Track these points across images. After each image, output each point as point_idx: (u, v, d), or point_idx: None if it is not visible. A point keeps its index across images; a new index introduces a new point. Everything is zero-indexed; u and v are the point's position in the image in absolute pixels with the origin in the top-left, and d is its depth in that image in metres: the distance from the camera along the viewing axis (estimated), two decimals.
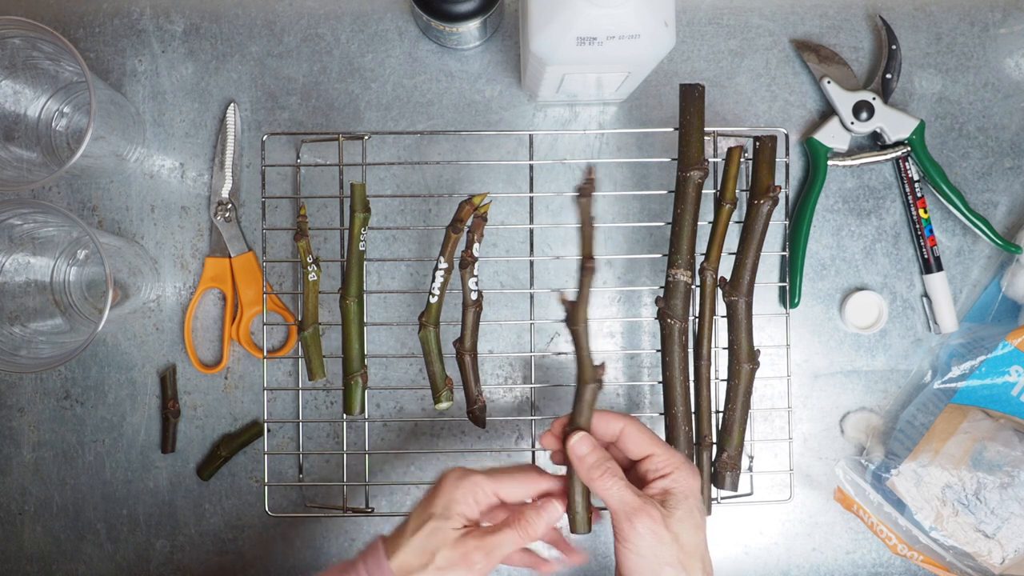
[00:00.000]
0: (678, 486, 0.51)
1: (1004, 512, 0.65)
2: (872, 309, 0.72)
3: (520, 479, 0.53)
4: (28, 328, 0.67)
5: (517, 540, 0.51)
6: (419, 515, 0.52)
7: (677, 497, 0.51)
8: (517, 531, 0.51)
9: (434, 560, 0.50)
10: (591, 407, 0.53)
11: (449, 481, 0.53)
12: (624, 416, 0.54)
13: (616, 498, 0.50)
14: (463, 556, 0.50)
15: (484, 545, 0.50)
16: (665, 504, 0.51)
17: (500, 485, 0.53)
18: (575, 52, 0.54)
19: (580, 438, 0.52)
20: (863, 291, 0.72)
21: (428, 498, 0.53)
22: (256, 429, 0.71)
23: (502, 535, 0.51)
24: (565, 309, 0.52)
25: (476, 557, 0.50)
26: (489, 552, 0.50)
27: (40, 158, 0.68)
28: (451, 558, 0.50)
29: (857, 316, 0.72)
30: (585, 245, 0.51)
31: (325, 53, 0.71)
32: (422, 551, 0.51)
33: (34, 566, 0.71)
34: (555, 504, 0.53)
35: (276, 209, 0.71)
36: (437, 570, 0.50)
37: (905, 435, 0.69)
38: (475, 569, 0.50)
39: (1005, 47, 0.73)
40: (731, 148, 0.64)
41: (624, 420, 0.54)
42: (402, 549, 0.51)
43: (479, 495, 0.52)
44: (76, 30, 0.71)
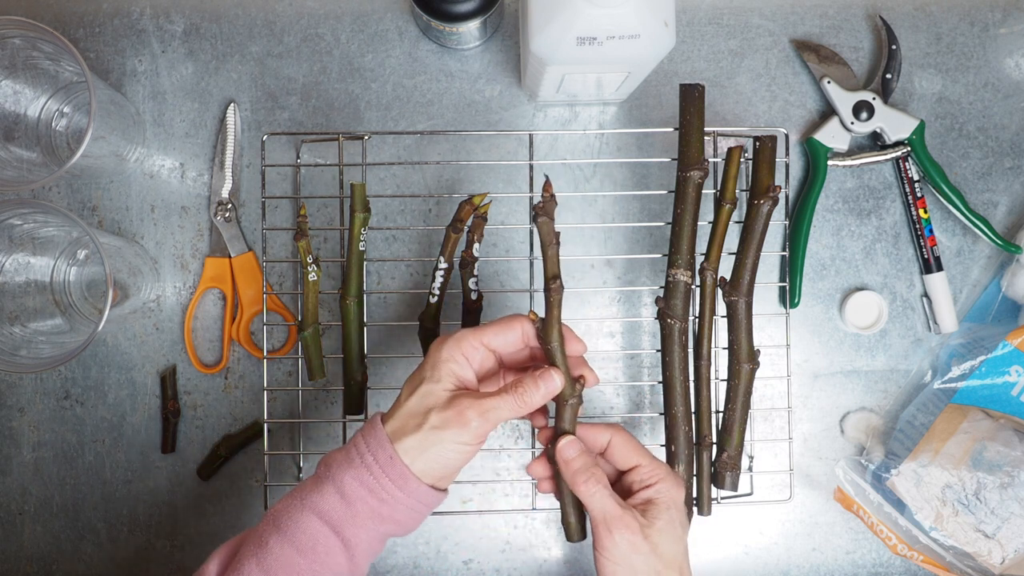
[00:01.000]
0: (661, 496, 0.52)
1: (1004, 512, 0.65)
2: (872, 309, 0.72)
3: (501, 324, 0.53)
4: (28, 328, 0.67)
5: (513, 407, 0.51)
6: (410, 383, 0.52)
7: (659, 507, 0.52)
8: (514, 397, 0.51)
9: (428, 420, 0.49)
10: (573, 424, 0.54)
11: (434, 346, 0.52)
12: (611, 427, 0.55)
13: (598, 505, 0.51)
14: (457, 414, 0.49)
15: (479, 405, 0.50)
16: (646, 514, 0.51)
17: (486, 334, 0.52)
18: (575, 52, 0.54)
19: (568, 442, 0.53)
20: (863, 291, 0.72)
21: (418, 367, 0.53)
22: (256, 429, 0.71)
23: (498, 399, 0.50)
24: (536, 328, 0.53)
25: (470, 415, 0.49)
26: (484, 412, 0.49)
27: (40, 158, 0.68)
28: (445, 417, 0.49)
29: (857, 316, 0.72)
30: (549, 265, 0.52)
31: (325, 53, 0.71)
32: (415, 413, 0.50)
33: (34, 566, 0.71)
34: (553, 375, 0.52)
35: (276, 209, 0.71)
36: (432, 429, 0.49)
37: (905, 435, 0.69)
38: (469, 427, 0.49)
39: (1005, 47, 0.73)
40: (731, 148, 0.64)
41: (611, 431, 0.55)
42: (396, 415, 0.51)
43: (466, 349, 0.52)
44: (76, 30, 0.71)
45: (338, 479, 0.50)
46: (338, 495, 0.49)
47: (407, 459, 0.49)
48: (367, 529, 0.50)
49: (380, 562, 0.72)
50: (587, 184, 0.72)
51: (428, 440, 0.49)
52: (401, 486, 0.49)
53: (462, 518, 0.72)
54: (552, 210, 0.52)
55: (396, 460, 0.49)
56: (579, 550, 0.73)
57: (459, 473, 0.53)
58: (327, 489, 0.50)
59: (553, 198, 0.52)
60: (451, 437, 0.49)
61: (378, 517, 0.50)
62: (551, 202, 0.52)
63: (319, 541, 0.49)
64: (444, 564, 0.72)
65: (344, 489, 0.49)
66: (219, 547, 0.52)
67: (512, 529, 0.72)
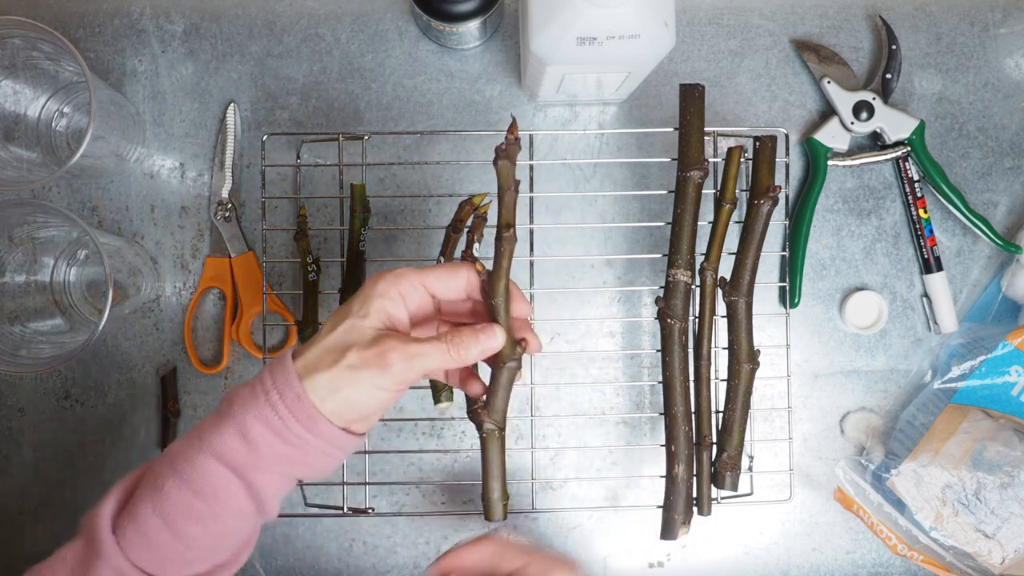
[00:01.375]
0: None
1: (1004, 512, 0.65)
2: (872, 309, 0.72)
3: (447, 268, 0.48)
4: (28, 328, 0.67)
5: (445, 357, 0.46)
6: (334, 316, 0.47)
7: None
8: (448, 347, 0.46)
9: (345, 357, 0.44)
10: (507, 389, 0.50)
11: (372, 279, 0.47)
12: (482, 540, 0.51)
13: None
14: (378, 355, 0.44)
15: (405, 349, 0.44)
16: None
17: (428, 276, 0.47)
18: (575, 52, 0.54)
19: None
20: (863, 291, 0.72)
21: (347, 301, 0.47)
22: None
23: (429, 345, 0.45)
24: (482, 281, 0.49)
25: (393, 358, 0.44)
26: (409, 357, 0.44)
27: (40, 158, 0.68)
28: (364, 356, 0.44)
29: (857, 316, 0.72)
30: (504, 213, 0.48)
31: (325, 53, 0.71)
32: (332, 349, 0.45)
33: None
34: (495, 329, 0.47)
35: (276, 209, 0.71)
36: (347, 368, 0.44)
37: (905, 435, 0.69)
38: (390, 372, 0.44)
39: (1005, 47, 0.73)
40: (731, 148, 0.64)
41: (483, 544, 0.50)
42: (311, 350, 0.46)
43: (404, 287, 0.46)
44: (76, 30, 0.71)
45: (240, 419, 0.45)
46: (240, 436, 0.45)
47: (315, 398, 0.44)
48: (274, 473, 0.46)
49: (380, 562, 0.72)
50: (587, 184, 0.72)
51: (341, 379, 0.44)
52: (309, 427, 0.45)
53: (462, 518, 0.72)
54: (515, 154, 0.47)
55: (304, 399, 0.44)
56: (578, 550, 0.73)
57: (377, 420, 0.49)
58: (228, 429, 0.45)
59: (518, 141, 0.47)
60: (368, 378, 0.44)
61: (287, 460, 0.45)
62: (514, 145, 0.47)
63: (219, 485, 0.45)
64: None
65: (247, 430, 0.45)
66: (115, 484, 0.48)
67: (512, 529, 0.72)
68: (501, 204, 0.48)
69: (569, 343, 0.72)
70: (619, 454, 0.72)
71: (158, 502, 0.45)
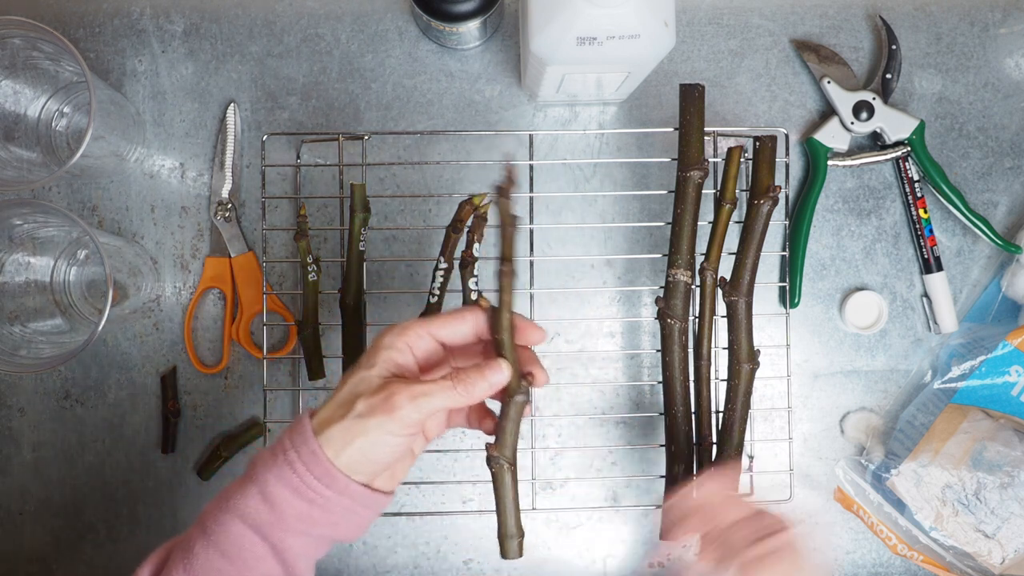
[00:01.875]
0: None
1: (1004, 512, 0.65)
2: (872, 309, 0.72)
3: (452, 314, 0.49)
4: (28, 328, 0.67)
5: (452, 395, 0.46)
6: (347, 374, 0.47)
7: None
8: (452, 384, 0.46)
9: (353, 408, 0.45)
10: (516, 423, 0.49)
11: (379, 333, 0.48)
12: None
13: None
14: (384, 400, 0.44)
15: (409, 391, 0.45)
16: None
17: (433, 324, 0.48)
18: (575, 52, 0.54)
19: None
20: (863, 291, 0.72)
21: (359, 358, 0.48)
22: (256, 429, 0.71)
23: (434, 385, 0.45)
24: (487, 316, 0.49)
25: (398, 401, 0.44)
26: (415, 398, 0.44)
27: (40, 158, 0.68)
28: (371, 404, 0.44)
29: (857, 316, 0.72)
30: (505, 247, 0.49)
31: (325, 53, 0.71)
32: (342, 403, 0.46)
33: (34, 566, 0.71)
34: (501, 364, 0.47)
35: (276, 209, 0.71)
36: (356, 418, 0.44)
37: (905, 435, 0.69)
38: (398, 416, 0.44)
39: (1005, 47, 0.73)
40: (731, 148, 0.64)
41: None
42: (325, 407, 0.46)
43: (410, 338, 0.47)
44: (76, 30, 0.71)
45: (261, 479, 0.45)
46: (260, 497, 0.45)
47: (330, 452, 0.45)
48: (298, 533, 0.46)
49: (380, 562, 0.72)
50: (587, 184, 0.72)
51: (353, 429, 0.44)
52: (328, 484, 0.45)
53: (462, 518, 0.72)
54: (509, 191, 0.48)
55: (319, 454, 0.44)
56: (579, 550, 0.73)
57: (404, 473, 0.49)
58: (250, 491, 0.45)
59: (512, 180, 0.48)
60: (376, 425, 0.44)
61: (309, 520, 0.45)
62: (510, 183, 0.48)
63: (245, 547, 0.45)
64: (444, 564, 0.72)
65: (267, 490, 0.45)
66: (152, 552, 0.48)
67: None
68: (502, 237, 0.49)
69: (569, 343, 0.72)
70: (619, 454, 0.72)
71: (189, 564, 0.46)
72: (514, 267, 0.49)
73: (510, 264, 0.49)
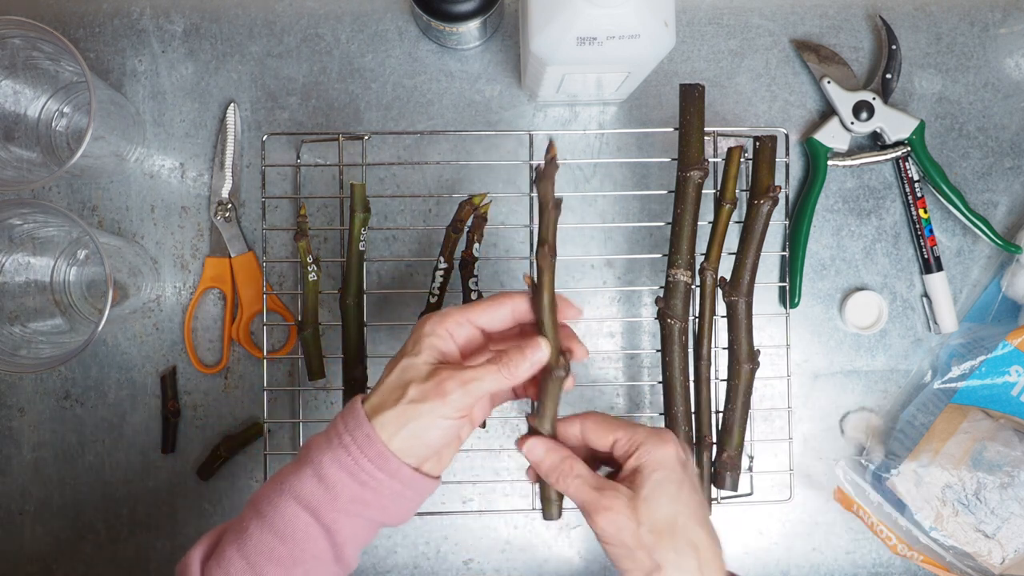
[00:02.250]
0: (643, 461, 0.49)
1: (1004, 512, 0.65)
2: (872, 309, 0.72)
3: (490, 301, 0.51)
4: (28, 328, 0.67)
5: (498, 378, 0.48)
6: (392, 362, 0.50)
7: (644, 473, 0.49)
8: (498, 367, 0.48)
9: (406, 394, 0.47)
10: (555, 398, 0.51)
11: (420, 321, 0.50)
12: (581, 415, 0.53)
13: (575, 496, 0.50)
14: (436, 386, 0.47)
15: (459, 376, 0.47)
16: (634, 483, 0.49)
17: (473, 311, 0.50)
18: (575, 52, 0.54)
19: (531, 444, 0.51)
20: (863, 291, 0.72)
21: (402, 346, 0.51)
22: (256, 429, 0.71)
23: (481, 369, 0.48)
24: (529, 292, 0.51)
25: (449, 387, 0.46)
26: (464, 384, 0.47)
27: (40, 158, 0.68)
28: (423, 389, 0.47)
29: (857, 316, 0.72)
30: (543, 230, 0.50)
31: (325, 53, 0.71)
32: (394, 387, 0.48)
33: (34, 566, 0.71)
34: (540, 342, 0.49)
35: (276, 209, 0.71)
36: (409, 403, 0.47)
37: (905, 435, 0.69)
38: (449, 400, 0.46)
39: (1005, 47, 0.73)
40: (731, 148, 0.64)
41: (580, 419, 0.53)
42: (376, 392, 0.49)
43: (450, 325, 0.49)
44: (76, 30, 0.71)
45: (316, 461, 0.47)
46: (316, 478, 0.47)
47: (384, 435, 0.47)
48: (350, 515, 0.47)
49: (380, 562, 0.72)
50: (587, 184, 0.72)
51: (406, 414, 0.47)
52: (381, 466, 0.47)
53: (462, 518, 0.72)
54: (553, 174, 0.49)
55: (374, 437, 0.47)
56: (579, 550, 0.73)
57: (450, 459, 0.51)
58: (306, 472, 0.48)
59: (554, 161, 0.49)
60: (430, 410, 0.47)
61: (361, 502, 0.47)
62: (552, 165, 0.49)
63: (298, 527, 0.47)
64: (444, 564, 0.72)
65: (323, 472, 0.47)
66: (204, 534, 0.50)
67: (512, 529, 0.72)
68: (540, 221, 0.50)
69: None
70: None
71: (242, 544, 0.47)
72: (554, 249, 0.50)
73: (550, 247, 0.50)
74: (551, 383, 0.51)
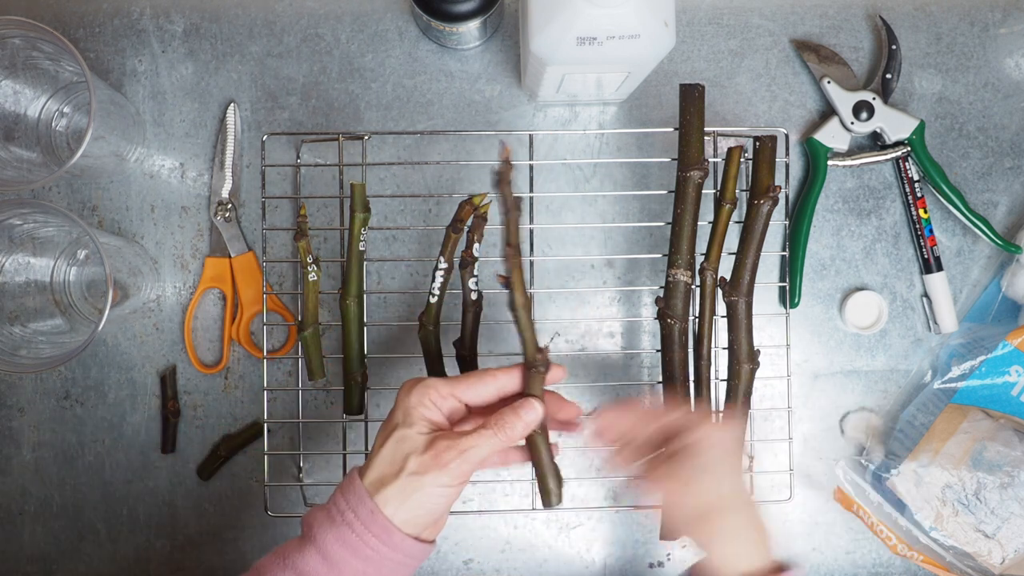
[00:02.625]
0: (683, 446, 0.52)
1: (1004, 512, 0.65)
2: (872, 309, 0.72)
3: (476, 377, 0.52)
4: (28, 328, 0.67)
5: (494, 442, 0.49)
6: (383, 431, 0.51)
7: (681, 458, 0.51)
8: (494, 431, 0.49)
9: (406, 466, 0.48)
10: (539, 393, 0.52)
11: (402, 392, 0.51)
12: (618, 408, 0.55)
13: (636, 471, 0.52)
14: (434, 457, 0.48)
15: (457, 445, 0.48)
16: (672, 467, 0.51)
17: (458, 387, 0.51)
18: (575, 52, 0.54)
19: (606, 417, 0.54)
20: (863, 291, 0.72)
21: (388, 415, 0.52)
22: (256, 429, 0.71)
23: (477, 436, 0.49)
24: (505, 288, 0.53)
25: (448, 457, 0.48)
26: (462, 452, 0.48)
27: (40, 158, 0.68)
28: (423, 462, 0.48)
29: (857, 316, 0.72)
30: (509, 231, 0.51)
31: (325, 53, 0.71)
32: (392, 461, 0.49)
33: (34, 566, 0.71)
34: (533, 403, 0.50)
35: (276, 209, 0.71)
36: (411, 475, 0.48)
37: (905, 435, 0.69)
38: (449, 470, 0.48)
39: (1005, 47, 0.73)
40: (731, 148, 0.64)
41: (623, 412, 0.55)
42: (373, 466, 0.49)
43: (434, 396, 0.50)
44: (76, 30, 0.71)
45: (319, 540, 0.48)
46: (320, 557, 0.48)
47: (388, 510, 0.48)
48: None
49: None
50: (587, 184, 0.72)
51: (408, 487, 0.48)
52: (385, 540, 0.48)
53: (462, 518, 0.72)
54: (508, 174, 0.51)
55: (378, 514, 0.48)
56: (579, 550, 0.73)
57: (445, 522, 0.53)
58: (309, 551, 0.49)
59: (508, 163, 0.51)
60: (431, 481, 0.48)
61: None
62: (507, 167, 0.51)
63: None
64: (444, 564, 0.72)
65: (326, 550, 0.48)
66: None
67: (512, 529, 0.72)
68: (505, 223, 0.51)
69: (569, 343, 0.72)
70: None
71: None
72: (519, 250, 0.51)
73: (514, 247, 0.51)
74: (534, 380, 0.52)
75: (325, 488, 0.71)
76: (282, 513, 0.71)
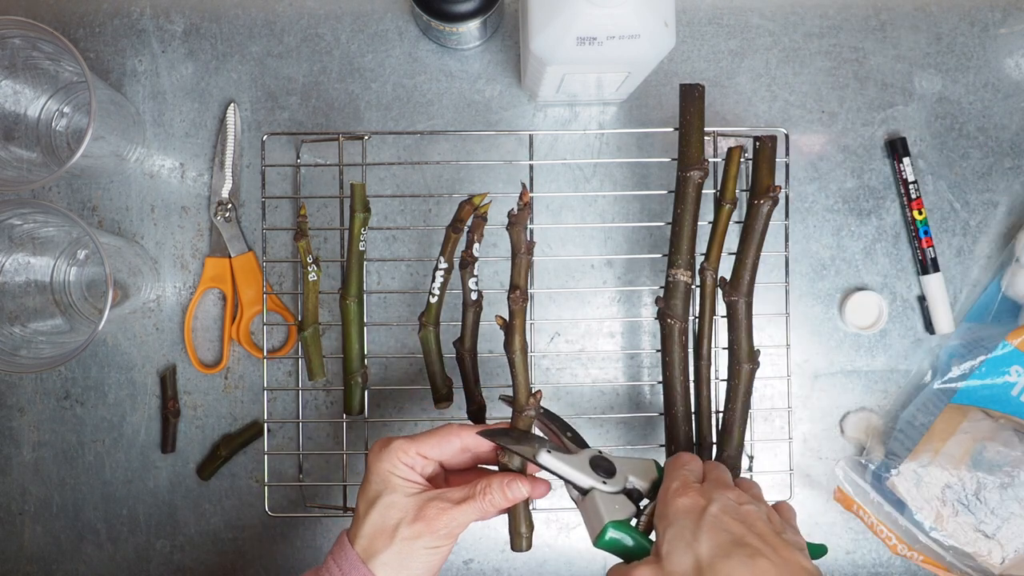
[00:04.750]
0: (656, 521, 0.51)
1: (1004, 512, 0.65)
2: (872, 309, 0.72)
3: (439, 436, 0.54)
4: (28, 328, 0.67)
5: (480, 512, 0.52)
6: (364, 497, 0.53)
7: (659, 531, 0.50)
8: (480, 503, 0.52)
9: (397, 534, 0.50)
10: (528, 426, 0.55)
11: (371, 457, 0.53)
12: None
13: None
14: (426, 524, 0.51)
15: (447, 516, 0.51)
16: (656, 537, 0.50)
17: (422, 446, 0.53)
18: (575, 52, 0.54)
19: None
20: (863, 291, 0.72)
21: (364, 479, 0.54)
22: (256, 429, 0.71)
23: (465, 506, 0.52)
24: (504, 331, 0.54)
25: (438, 524, 0.51)
26: (451, 520, 0.51)
27: (40, 158, 0.68)
28: (415, 529, 0.50)
29: (857, 316, 0.72)
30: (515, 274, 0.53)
31: (325, 53, 0.71)
32: (383, 529, 0.51)
33: (34, 566, 0.71)
34: (519, 485, 0.53)
35: (276, 209, 0.71)
36: (403, 541, 0.50)
37: (905, 435, 0.69)
38: (439, 534, 0.51)
39: (1005, 47, 0.73)
40: (731, 148, 0.64)
41: None
42: (361, 534, 0.51)
43: (403, 457, 0.53)
44: (76, 30, 0.71)
45: None
46: None
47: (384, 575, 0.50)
48: None
49: None
50: (587, 184, 0.72)
51: (403, 553, 0.50)
52: None
53: None
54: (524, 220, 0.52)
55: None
56: (579, 550, 0.73)
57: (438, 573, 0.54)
58: None
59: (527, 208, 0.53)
60: (424, 544, 0.50)
61: None
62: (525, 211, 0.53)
63: None
64: (444, 564, 0.72)
65: None
66: None
67: None
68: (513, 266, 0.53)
69: (569, 343, 0.72)
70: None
71: None
72: (526, 294, 0.53)
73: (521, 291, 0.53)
74: (521, 422, 0.55)
75: (324, 488, 0.71)
76: (282, 513, 0.71)
